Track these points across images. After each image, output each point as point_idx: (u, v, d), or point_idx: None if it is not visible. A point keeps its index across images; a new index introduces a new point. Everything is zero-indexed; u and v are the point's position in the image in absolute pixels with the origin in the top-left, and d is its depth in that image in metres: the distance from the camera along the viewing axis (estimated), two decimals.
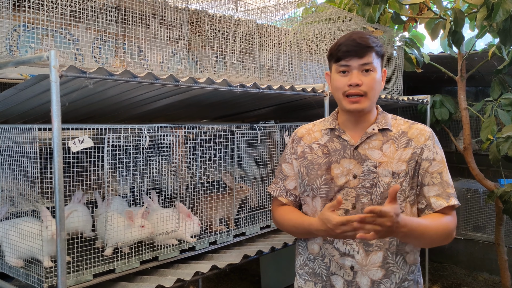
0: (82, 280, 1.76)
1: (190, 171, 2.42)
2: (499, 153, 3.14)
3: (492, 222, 4.19)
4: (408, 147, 1.56)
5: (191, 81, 1.94)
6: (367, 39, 1.51)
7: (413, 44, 3.98)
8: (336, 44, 1.55)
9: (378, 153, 1.56)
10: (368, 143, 1.58)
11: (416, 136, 1.58)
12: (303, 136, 1.72)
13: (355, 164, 1.57)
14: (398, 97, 3.52)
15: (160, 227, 2.04)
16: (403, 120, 1.65)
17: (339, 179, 1.58)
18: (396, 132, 1.60)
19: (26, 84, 1.69)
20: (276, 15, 2.95)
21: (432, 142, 1.58)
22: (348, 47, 1.50)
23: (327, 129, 1.67)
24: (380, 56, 1.56)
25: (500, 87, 3.74)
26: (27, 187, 1.86)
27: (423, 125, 1.63)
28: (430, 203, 1.54)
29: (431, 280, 4.49)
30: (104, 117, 2.55)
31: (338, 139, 1.62)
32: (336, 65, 1.55)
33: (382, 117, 1.63)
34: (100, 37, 2.16)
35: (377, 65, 1.54)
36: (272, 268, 4.21)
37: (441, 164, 1.56)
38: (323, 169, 1.60)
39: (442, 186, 1.54)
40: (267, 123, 2.61)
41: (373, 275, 1.55)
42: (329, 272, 1.61)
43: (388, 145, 1.57)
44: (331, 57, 1.58)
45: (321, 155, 1.63)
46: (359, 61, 1.51)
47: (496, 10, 2.74)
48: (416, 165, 1.55)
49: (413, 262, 1.60)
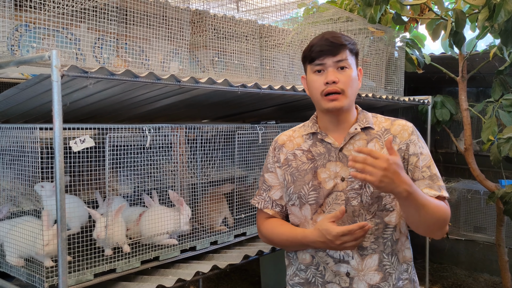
0: (82, 280, 1.76)
1: (191, 171, 2.42)
2: (500, 154, 3.14)
3: (493, 223, 4.19)
4: (393, 144, 1.55)
5: (192, 81, 1.94)
6: (340, 37, 1.51)
7: (414, 45, 3.98)
8: (309, 46, 1.55)
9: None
10: (353, 144, 1.57)
11: (399, 132, 1.57)
12: (284, 143, 1.68)
13: (342, 166, 1.55)
14: (399, 97, 3.52)
15: (160, 227, 2.04)
16: (384, 117, 1.65)
17: (327, 183, 1.55)
18: (378, 130, 1.59)
19: (28, 84, 1.69)
20: (277, 16, 2.95)
21: (416, 137, 1.58)
22: (322, 47, 1.50)
23: (308, 133, 1.64)
24: (354, 54, 1.55)
25: (501, 88, 3.74)
26: (28, 186, 1.87)
27: (404, 120, 1.63)
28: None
29: (431, 281, 4.48)
30: (105, 117, 2.55)
31: (322, 142, 1.60)
32: (311, 65, 1.55)
33: (363, 116, 1.62)
34: (101, 37, 2.16)
35: (352, 63, 1.54)
36: (272, 269, 4.21)
37: (428, 158, 1.57)
38: (310, 175, 1.57)
39: (432, 180, 1.53)
40: (268, 123, 2.61)
41: (370, 280, 1.52)
42: (325, 280, 1.57)
43: (373, 143, 1.56)
44: (305, 59, 1.57)
45: (306, 161, 1.60)
46: (333, 59, 1.50)
47: (497, 11, 2.74)
48: (403, 161, 1.54)
49: (405, 260, 1.58)
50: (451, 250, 4.92)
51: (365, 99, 2.99)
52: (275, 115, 3.39)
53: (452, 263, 4.94)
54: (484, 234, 4.55)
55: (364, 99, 2.97)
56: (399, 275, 1.56)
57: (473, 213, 4.58)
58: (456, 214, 4.66)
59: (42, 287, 1.65)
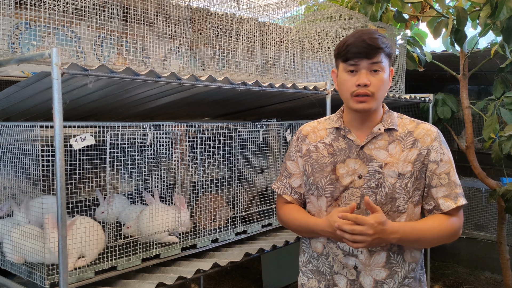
0: (83, 278, 1.76)
1: (191, 169, 2.42)
2: (501, 151, 3.13)
3: (494, 220, 4.18)
4: (414, 148, 1.55)
5: (192, 79, 1.94)
6: (377, 40, 1.48)
7: (415, 43, 3.97)
8: (345, 44, 1.51)
9: (383, 153, 1.55)
10: (374, 143, 1.57)
11: (422, 137, 1.57)
12: (308, 134, 1.70)
13: (361, 164, 1.56)
14: (400, 95, 3.52)
15: (160, 224, 2.04)
16: (409, 119, 1.64)
17: (344, 179, 1.57)
18: (402, 132, 1.59)
19: (28, 82, 1.69)
20: (278, 13, 2.94)
21: (438, 143, 1.57)
22: (358, 48, 1.48)
23: (332, 128, 1.65)
24: (388, 55, 1.54)
25: (503, 86, 3.72)
26: (29, 184, 1.87)
27: (430, 124, 1.62)
28: (438, 204, 1.54)
29: (432, 279, 4.48)
30: (106, 114, 2.55)
31: (344, 138, 1.61)
32: (344, 64, 1.53)
33: (388, 116, 1.61)
34: (102, 35, 2.16)
35: (385, 65, 1.53)
36: (273, 266, 4.21)
37: (449, 165, 1.56)
38: (329, 169, 1.59)
39: (449, 187, 1.53)
40: (269, 121, 2.60)
41: (377, 275, 1.55)
42: (333, 271, 1.61)
43: (394, 145, 1.56)
44: (339, 56, 1.55)
45: (327, 155, 1.62)
46: (368, 61, 1.49)
47: (500, 8, 2.73)
48: (422, 167, 1.54)
49: (412, 260, 1.59)
50: (452, 248, 4.92)
51: None
52: (276, 113, 3.39)
53: (453, 261, 4.93)
54: (485, 232, 4.54)
55: None
56: (406, 274, 1.57)
57: (475, 211, 4.58)
58: None
59: (43, 285, 1.65)
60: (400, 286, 1.56)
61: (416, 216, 1.57)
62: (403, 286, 1.57)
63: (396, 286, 1.56)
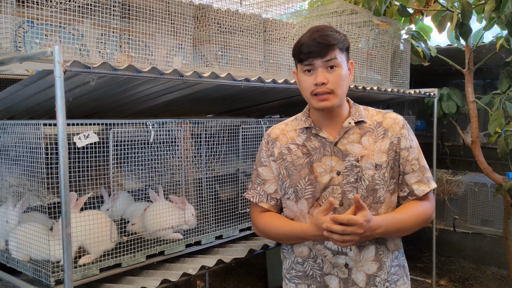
0: (88, 275, 1.77)
1: (195, 166, 2.42)
2: (507, 146, 3.12)
3: (500, 215, 4.16)
4: (386, 137, 1.57)
5: (195, 76, 1.93)
6: (328, 37, 1.47)
7: (420, 37, 3.95)
8: (299, 43, 1.51)
9: (358, 146, 1.56)
10: (347, 138, 1.57)
11: (391, 126, 1.59)
12: (277, 136, 1.67)
13: (337, 160, 1.56)
14: (404, 90, 3.50)
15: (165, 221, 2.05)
16: (375, 110, 1.66)
17: (323, 178, 1.56)
18: (371, 124, 1.60)
19: (31, 80, 1.69)
20: (282, 9, 2.93)
21: (406, 130, 1.60)
22: (310, 48, 1.47)
23: (302, 128, 1.64)
24: (345, 50, 1.53)
25: (509, 80, 3.70)
26: (34, 182, 1.88)
27: (394, 113, 1.65)
28: (412, 190, 1.57)
29: (438, 274, 4.47)
30: (109, 112, 2.56)
31: (316, 137, 1.60)
32: (300, 65, 1.53)
33: (355, 109, 1.62)
34: (105, 33, 2.16)
35: (342, 60, 1.51)
36: (278, 263, 4.21)
37: (417, 150, 1.61)
38: (306, 169, 1.58)
39: (421, 172, 1.59)
40: (273, 118, 2.60)
41: (368, 270, 1.55)
42: (323, 272, 1.58)
43: (366, 137, 1.58)
44: (294, 57, 1.55)
45: (302, 155, 1.60)
46: (322, 60, 1.48)
47: (505, 2, 2.71)
48: (395, 155, 1.57)
49: (395, 248, 1.61)
50: (458, 243, 4.90)
51: (370, 92, 2.97)
52: (279, 109, 3.38)
53: (459, 256, 4.92)
54: (491, 227, 4.52)
55: (369, 92, 2.96)
56: (391, 262, 1.59)
57: (481, 206, 4.55)
58: (463, 207, 4.63)
59: (48, 282, 1.66)
60: (389, 276, 1.58)
61: (393, 204, 1.59)
62: (391, 275, 1.59)
63: (387, 277, 1.57)
